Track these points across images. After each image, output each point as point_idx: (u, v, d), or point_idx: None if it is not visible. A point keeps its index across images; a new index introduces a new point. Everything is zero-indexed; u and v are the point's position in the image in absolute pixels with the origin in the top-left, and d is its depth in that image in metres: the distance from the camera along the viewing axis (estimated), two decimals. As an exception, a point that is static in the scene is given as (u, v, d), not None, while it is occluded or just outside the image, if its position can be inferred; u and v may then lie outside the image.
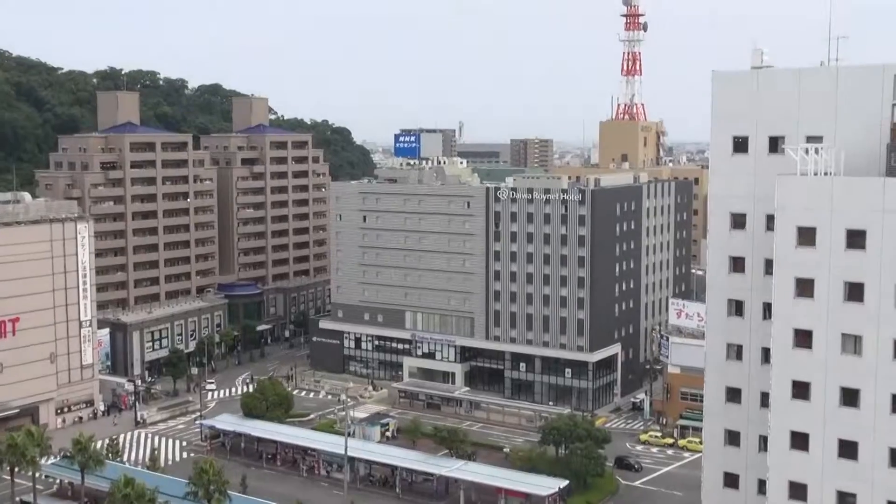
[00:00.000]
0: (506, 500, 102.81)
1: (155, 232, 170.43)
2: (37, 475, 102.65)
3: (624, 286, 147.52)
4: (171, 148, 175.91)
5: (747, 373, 63.28)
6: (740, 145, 62.94)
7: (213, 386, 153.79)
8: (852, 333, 56.77)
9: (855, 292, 56.50)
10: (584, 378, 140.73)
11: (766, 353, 61.31)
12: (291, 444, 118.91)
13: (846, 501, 57.88)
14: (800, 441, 58.90)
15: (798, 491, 59.16)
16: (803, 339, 58.33)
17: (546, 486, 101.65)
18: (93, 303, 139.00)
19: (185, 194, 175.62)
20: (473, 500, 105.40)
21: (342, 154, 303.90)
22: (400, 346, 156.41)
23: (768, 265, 60.41)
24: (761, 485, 62.16)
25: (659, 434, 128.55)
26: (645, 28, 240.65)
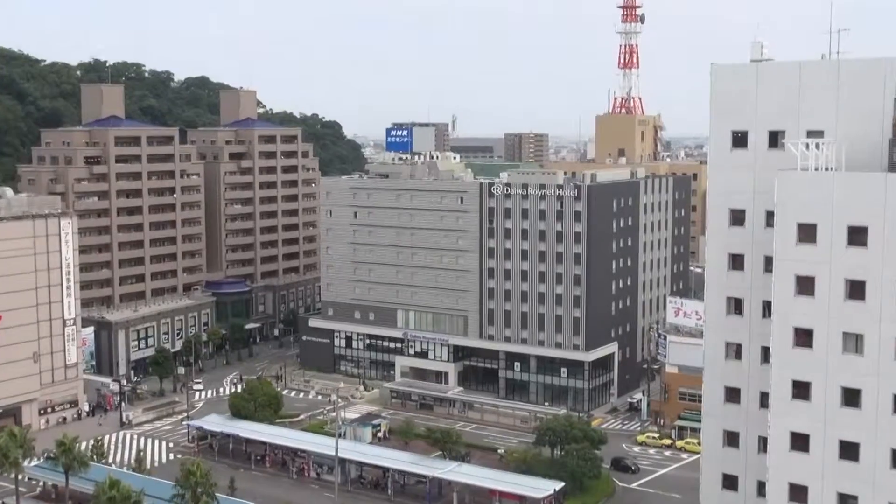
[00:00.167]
0: (500, 503, 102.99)
1: (140, 228, 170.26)
2: (20, 477, 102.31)
3: (621, 284, 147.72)
4: (156, 142, 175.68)
5: (747, 372, 63.45)
6: (740, 140, 63.08)
7: (201, 386, 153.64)
8: (854, 332, 56.94)
9: (856, 290, 56.66)
10: (580, 378, 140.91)
11: (765, 353, 61.49)
12: (281, 445, 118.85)
13: (847, 504, 58.16)
14: (800, 442, 59.08)
15: (798, 493, 59.33)
16: (804, 337, 58.49)
17: (541, 488, 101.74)
18: (77, 301, 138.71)
19: (171, 189, 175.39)
20: (467, 502, 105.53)
21: (332, 148, 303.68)
22: (392, 345, 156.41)
23: (768, 262, 60.57)
24: (761, 487, 62.34)
25: (656, 435, 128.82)
26: (642, 20, 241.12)
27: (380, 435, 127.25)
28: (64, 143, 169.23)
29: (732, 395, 64.37)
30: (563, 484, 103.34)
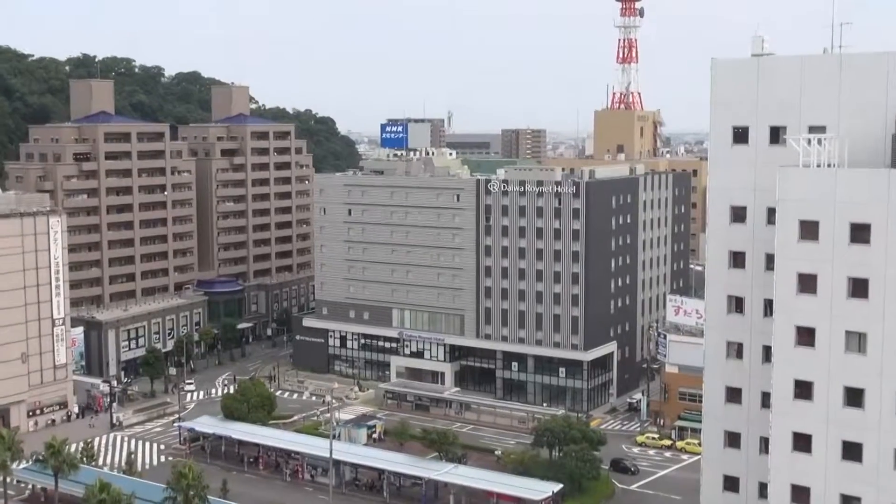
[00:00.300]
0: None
1: (131, 226, 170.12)
2: (8, 480, 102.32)
3: (620, 282, 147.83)
4: (147, 138, 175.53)
5: (748, 372, 63.51)
6: (740, 136, 63.11)
7: (192, 387, 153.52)
8: (856, 331, 56.98)
9: (859, 288, 56.71)
10: (579, 378, 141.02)
11: (767, 352, 61.51)
12: (274, 447, 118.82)
13: (850, 505, 58.21)
14: (802, 443, 59.13)
15: (801, 494, 59.40)
16: (806, 336, 58.53)
17: (539, 489, 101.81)
18: (66, 300, 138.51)
19: (162, 187, 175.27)
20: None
21: (326, 145, 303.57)
22: (387, 344, 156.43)
23: (769, 260, 60.62)
24: (762, 488, 62.40)
25: (656, 436, 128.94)
26: (641, 14, 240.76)
27: (375, 436, 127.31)
28: (52, 140, 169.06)
29: (733, 395, 64.41)
30: (561, 486, 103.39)
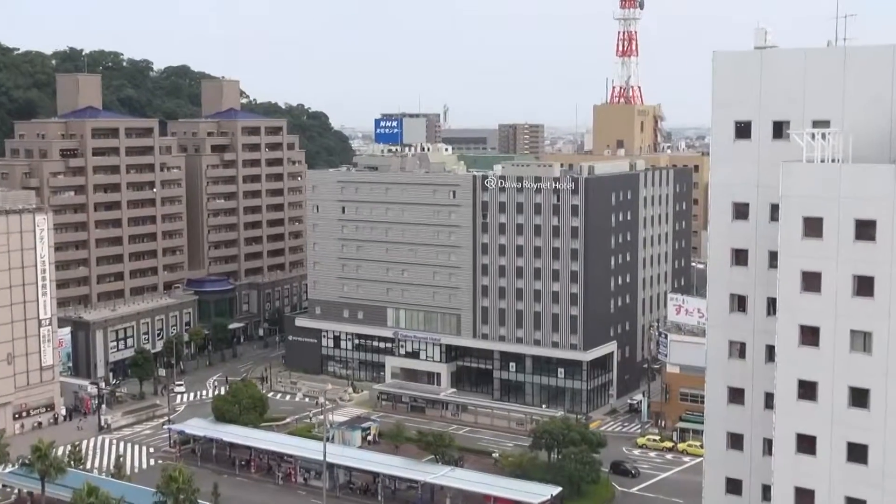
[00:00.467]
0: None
1: (119, 224, 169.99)
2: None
3: (620, 281, 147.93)
4: (135, 134, 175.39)
5: (751, 372, 63.53)
6: (743, 130, 63.09)
7: (183, 388, 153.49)
8: (862, 330, 56.99)
9: (864, 286, 56.71)
10: (578, 378, 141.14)
11: (770, 351, 61.53)
12: (266, 449, 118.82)
13: (855, 508, 58.25)
14: (806, 444, 59.16)
15: (805, 497, 59.42)
16: (810, 336, 58.55)
17: (538, 493, 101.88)
18: (53, 300, 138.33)
19: (151, 184, 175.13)
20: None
21: (319, 140, 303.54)
22: (382, 345, 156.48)
23: (773, 258, 60.62)
24: (766, 491, 62.43)
25: (657, 437, 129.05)
26: (641, 5, 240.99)
27: (369, 438, 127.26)
28: (38, 136, 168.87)
29: (736, 395, 64.41)
30: (560, 489, 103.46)
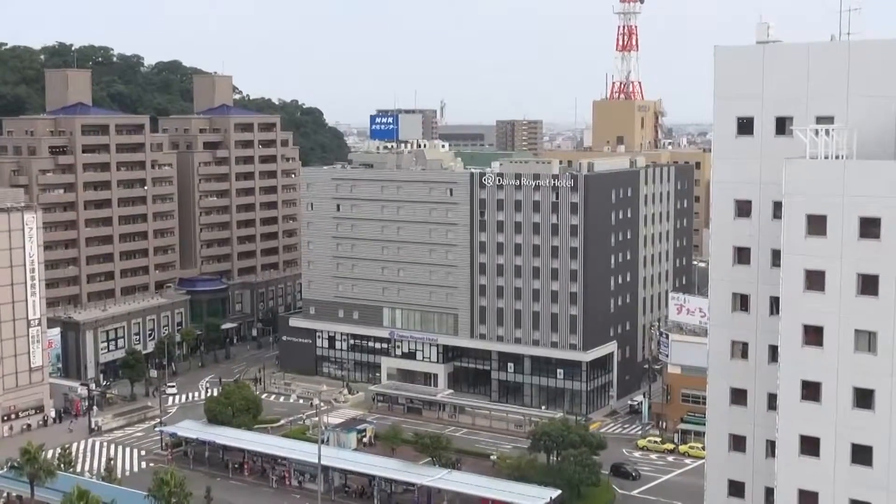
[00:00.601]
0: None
1: (109, 222, 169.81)
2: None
3: (620, 280, 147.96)
4: (126, 131, 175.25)
5: (753, 372, 63.62)
6: (745, 126, 63.17)
7: (175, 390, 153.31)
8: (866, 329, 57.08)
9: (869, 285, 56.78)
10: (578, 379, 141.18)
11: (773, 351, 61.65)
12: (260, 452, 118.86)
13: (859, 510, 58.31)
14: (810, 446, 59.26)
15: (808, 500, 59.52)
16: (813, 335, 58.64)
17: (536, 496, 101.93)
18: (42, 300, 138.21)
19: (142, 181, 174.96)
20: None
21: (313, 137, 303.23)
22: (377, 345, 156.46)
23: (776, 256, 60.70)
24: (769, 493, 62.54)
25: (658, 439, 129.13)
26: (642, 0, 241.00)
27: (365, 441, 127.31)
28: (27, 132, 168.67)
29: (738, 396, 64.52)
30: (559, 492, 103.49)
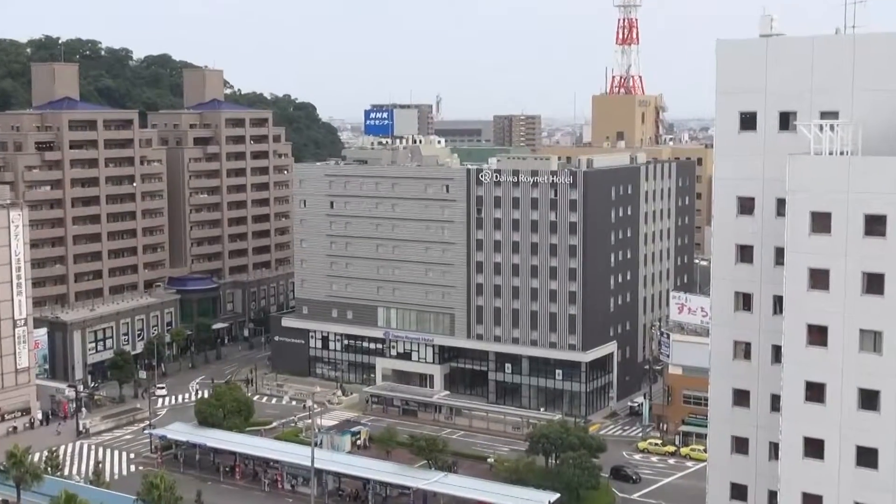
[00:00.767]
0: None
1: (97, 220, 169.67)
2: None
3: (620, 278, 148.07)
4: (114, 126, 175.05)
5: (756, 373, 63.66)
6: (748, 122, 63.18)
7: (164, 391, 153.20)
8: (871, 329, 57.11)
9: (874, 284, 56.81)
10: (577, 380, 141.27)
11: (776, 352, 61.67)
12: (252, 455, 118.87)
13: (865, 514, 58.40)
14: (814, 448, 59.30)
15: (812, 503, 59.61)
16: (818, 335, 58.67)
17: (535, 499, 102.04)
18: (28, 299, 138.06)
19: (130, 178, 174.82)
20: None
21: (306, 132, 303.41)
22: (372, 345, 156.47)
23: (779, 254, 60.70)
24: (772, 497, 62.60)
25: (659, 441, 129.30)
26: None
27: (359, 443, 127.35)
28: (13, 128, 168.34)
29: (741, 397, 64.56)
30: (558, 495, 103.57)
